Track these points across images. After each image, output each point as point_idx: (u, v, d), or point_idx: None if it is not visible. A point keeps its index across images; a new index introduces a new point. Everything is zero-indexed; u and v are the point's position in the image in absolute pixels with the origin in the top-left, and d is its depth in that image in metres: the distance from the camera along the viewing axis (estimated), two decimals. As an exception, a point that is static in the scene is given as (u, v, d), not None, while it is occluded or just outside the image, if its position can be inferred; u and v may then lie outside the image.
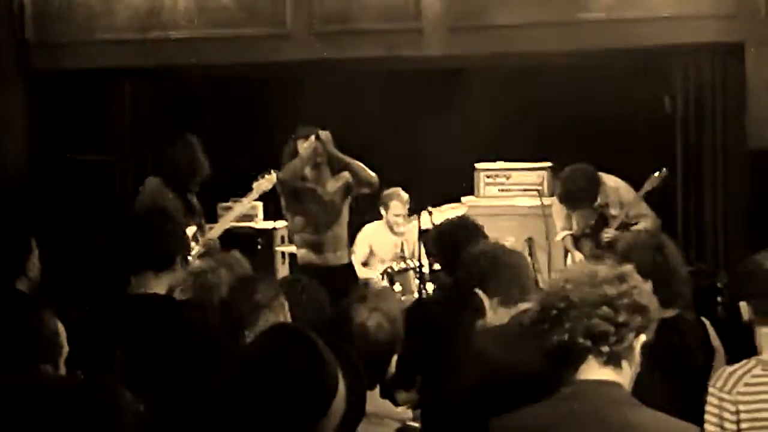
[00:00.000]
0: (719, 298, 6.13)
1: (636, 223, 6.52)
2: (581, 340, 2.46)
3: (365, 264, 7.42)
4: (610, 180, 6.68)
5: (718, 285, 6.24)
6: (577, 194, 6.57)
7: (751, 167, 6.97)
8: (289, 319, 3.58)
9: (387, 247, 7.44)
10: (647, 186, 6.60)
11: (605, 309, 2.47)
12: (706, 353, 3.78)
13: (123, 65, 7.51)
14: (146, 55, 7.42)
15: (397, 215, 7.39)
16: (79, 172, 7.67)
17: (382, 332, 3.18)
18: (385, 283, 6.90)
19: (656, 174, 6.60)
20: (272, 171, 6.43)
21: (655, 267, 3.77)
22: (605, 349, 2.46)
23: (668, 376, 3.57)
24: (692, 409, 3.38)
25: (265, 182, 6.46)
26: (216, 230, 6.23)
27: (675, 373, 3.65)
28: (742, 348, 3.40)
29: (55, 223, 7.02)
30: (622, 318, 2.47)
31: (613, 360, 2.48)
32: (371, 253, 7.48)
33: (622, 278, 2.52)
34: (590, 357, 2.48)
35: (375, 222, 7.53)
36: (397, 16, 7.23)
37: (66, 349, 2.82)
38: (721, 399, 3.26)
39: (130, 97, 7.93)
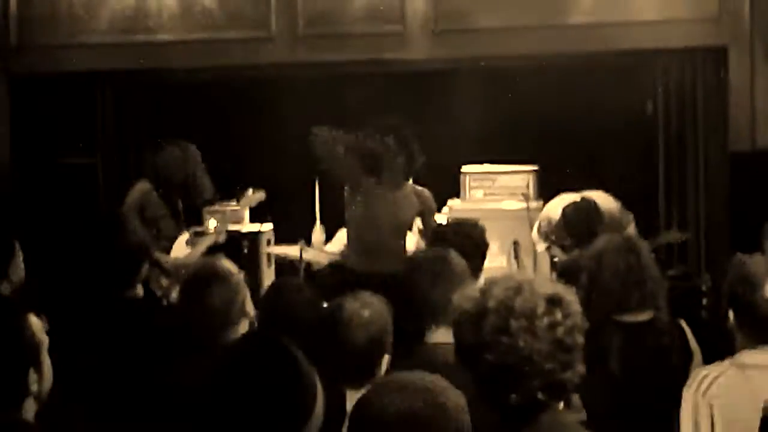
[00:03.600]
0: (702, 301, 6.16)
1: None
2: None
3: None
4: (605, 205, 6.51)
5: (702, 288, 6.27)
6: (582, 231, 6.38)
7: (733, 170, 7.00)
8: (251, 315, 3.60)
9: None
10: (661, 239, 6.55)
11: None
12: (684, 356, 3.79)
13: (106, 68, 7.49)
14: (129, 58, 7.40)
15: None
16: (63, 175, 7.64)
17: (368, 333, 3.18)
18: None
19: (677, 234, 6.55)
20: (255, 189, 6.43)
21: (628, 269, 3.80)
22: None
23: (643, 379, 3.59)
24: (670, 412, 3.40)
25: (254, 198, 6.49)
26: (192, 255, 6.12)
27: (650, 376, 3.67)
28: (726, 351, 3.41)
29: (39, 227, 6.98)
30: None
31: None
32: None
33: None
34: None
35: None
36: (382, 19, 7.23)
37: (46, 340, 2.82)
38: (696, 403, 3.26)
39: (113, 101, 7.91)
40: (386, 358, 3.24)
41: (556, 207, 6.56)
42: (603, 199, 6.64)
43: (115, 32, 7.37)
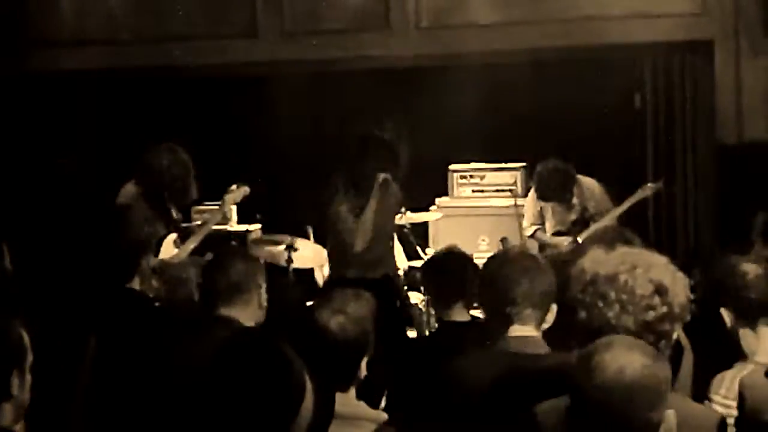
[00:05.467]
0: (692, 296, 6.16)
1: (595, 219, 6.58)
2: None
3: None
4: (586, 181, 6.70)
5: (691, 282, 6.26)
6: (553, 187, 6.58)
7: (721, 163, 7.01)
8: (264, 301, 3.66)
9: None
10: (639, 195, 6.61)
11: None
12: (674, 350, 3.79)
13: (92, 68, 7.46)
14: (115, 58, 7.37)
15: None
16: (49, 176, 7.62)
17: (345, 334, 3.16)
18: None
19: (650, 185, 6.61)
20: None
21: None
22: None
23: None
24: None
25: (238, 193, 6.45)
26: (179, 255, 6.10)
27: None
28: (715, 346, 3.41)
29: (26, 228, 6.96)
30: None
31: None
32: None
33: None
34: None
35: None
36: (368, 16, 7.22)
37: (31, 356, 2.81)
38: (727, 406, 3.25)
39: (99, 100, 7.88)
40: (365, 360, 3.23)
41: None
42: (589, 181, 6.71)
43: (101, 32, 7.34)
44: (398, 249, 6.59)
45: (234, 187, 6.55)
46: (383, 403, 4.11)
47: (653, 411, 2.21)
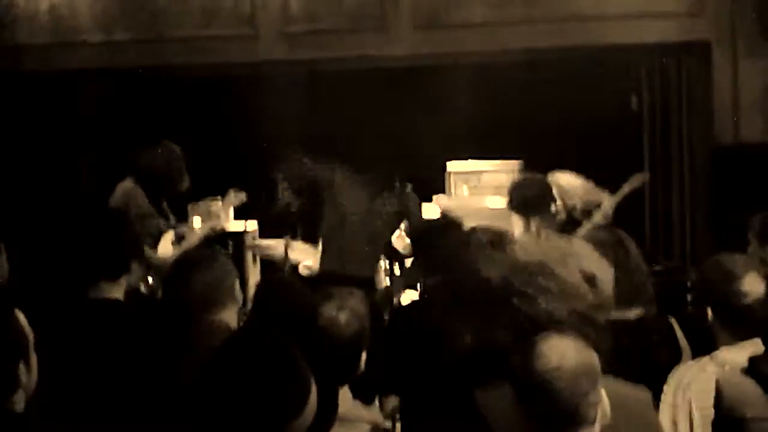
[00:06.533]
0: (688, 296, 6.17)
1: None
2: None
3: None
4: (563, 178, 6.58)
5: (687, 283, 6.27)
6: (531, 203, 6.43)
7: (717, 164, 7.02)
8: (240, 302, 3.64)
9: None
10: (626, 188, 6.58)
11: None
12: (673, 353, 3.79)
13: (89, 67, 7.45)
14: (112, 57, 7.37)
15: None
16: (46, 174, 7.61)
17: (351, 328, 3.19)
18: None
19: (636, 176, 6.58)
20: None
21: (617, 263, 3.79)
22: None
23: (632, 377, 3.58)
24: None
25: (235, 200, 6.48)
26: (178, 251, 6.11)
27: (639, 374, 3.66)
28: (711, 345, 3.41)
29: (22, 226, 6.95)
30: None
31: None
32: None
33: None
34: None
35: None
36: (365, 15, 7.22)
37: (32, 335, 2.85)
38: (674, 398, 3.25)
39: (95, 100, 7.88)
40: (364, 355, 3.26)
41: None
42: (567, 179, 6.64)
43: (98, 31, 7.33)
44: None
45: (232, 193, 6.60)
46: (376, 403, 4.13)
47: (593, 391, 2.32)
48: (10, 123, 7.59)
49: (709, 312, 3.37)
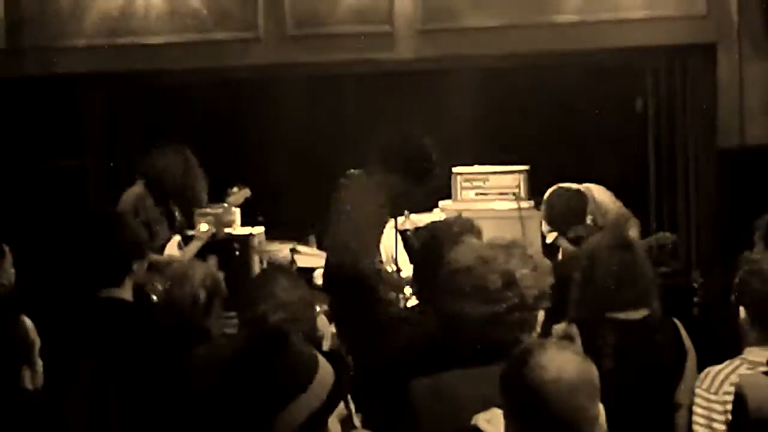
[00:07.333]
0: (694, 298, 6.16)
1: None
2: None
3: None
4: (596, 193, 6.56)
5: (693, 285, 6.26)
6: (568, 219, 6.39)
7: (722, 167, 7.01)
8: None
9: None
10: (652, 241, 6.54)
11: None
12: (678, 354, 3.78)
13: (94, 71, 7.45)
14: (117, 60, 7.37)
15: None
16: (51, 178, 7.61)
17: None
18: None
19: (668, 235, 6.54)
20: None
21: (622, 266, 3.79)
22: None
23: (637, 378, 3.57)
24: (662, 411, 3.39)
25: (240, 196, 6.47)
26: (184, 257, 6.11)
27: (644, 374, 3.65)
28: (717, 347, 3.41)
29: (28, 230, 6.96)
30: None
31: None
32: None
33: None
34: None
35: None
36: (369, 18, 7.22)
37: (38, 341, 2.87)
38: (708, 400, 3.25)
39: (100, 104, 7.87)
40: None
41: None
42: (599, 191, 6.65)
43: (102, 34, 7.33)
44: (401, 251, 6.56)
45: (235, 189, 6.57)
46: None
47: (593, 404, 2.23)
48: (16, 127, 7.61)
49: (742, 311, 3.37)
